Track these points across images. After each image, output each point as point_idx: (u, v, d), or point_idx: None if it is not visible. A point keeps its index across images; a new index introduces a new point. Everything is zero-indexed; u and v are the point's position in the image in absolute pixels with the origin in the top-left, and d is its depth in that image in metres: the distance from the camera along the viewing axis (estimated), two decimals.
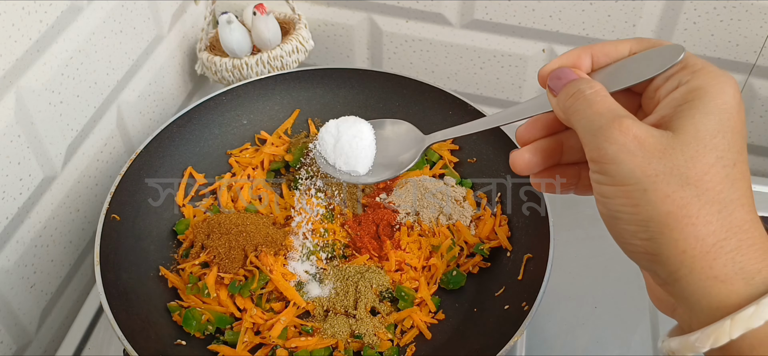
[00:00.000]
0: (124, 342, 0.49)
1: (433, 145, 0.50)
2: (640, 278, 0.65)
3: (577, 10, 0.77)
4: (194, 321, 0.57)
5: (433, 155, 0.72)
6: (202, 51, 0.82)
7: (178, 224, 0.65)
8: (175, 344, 0.56)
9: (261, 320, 0.58)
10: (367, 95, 0.74)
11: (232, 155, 0.72)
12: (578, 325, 0.62)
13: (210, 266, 0.60)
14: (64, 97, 0.63)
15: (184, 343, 0.56)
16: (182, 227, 0.65)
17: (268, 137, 0.73)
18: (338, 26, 0.88)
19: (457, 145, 0.72)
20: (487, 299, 0.60)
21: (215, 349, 0.56)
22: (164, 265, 0.62)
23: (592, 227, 0.70)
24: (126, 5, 0.70)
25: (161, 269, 0.61)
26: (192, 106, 0.69)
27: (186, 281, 0.60)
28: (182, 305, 0.59)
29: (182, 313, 0.57)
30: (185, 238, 0.64)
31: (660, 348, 0.32)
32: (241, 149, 0.73)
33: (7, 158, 0.57)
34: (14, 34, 0.55)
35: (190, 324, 0.57)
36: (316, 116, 0.75)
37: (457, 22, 0.82)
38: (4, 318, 0.60)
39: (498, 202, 0.67)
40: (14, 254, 0.60)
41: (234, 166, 0.71)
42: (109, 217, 0.59)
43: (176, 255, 0.64)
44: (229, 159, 0.72)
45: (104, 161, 0.72)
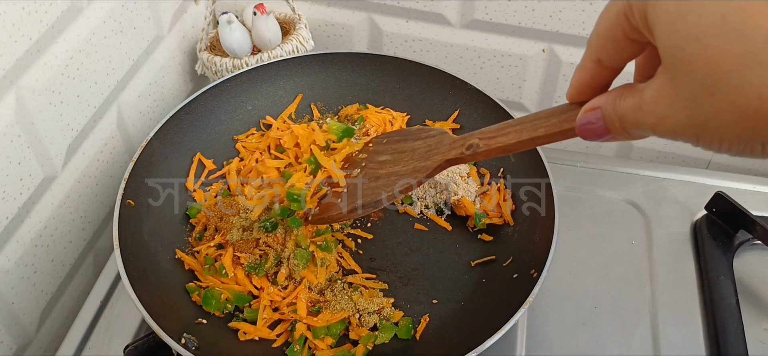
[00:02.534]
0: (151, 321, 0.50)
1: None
2: (640, 278, 0.65)
3: (577, 10, 0.77)
4: (213, 301, 0.58)
5: None
6: (203, 51, 0.82)
7: (190, 208, 0.66)
8: (197, 323, 0.57)
9: (278, 297, 0.59)
10: (368, 78, 0.76)
11: (238, 140, 0.73)
12: (578, 325, 0.62)
13: (225, 247, 0.61)
14: (64, 97, 0.63)
15: (205, 322, 0.57)
16: (194, 211, 0.66)
17: (274, 122, 0.74)
18: (338, 26, 0.88)
19: (458, 124, 0.73)
20: (496, 270, 0.61)
21: (236, 326, 0.57)
22: (180, 248, 0.63)
23: (592, 227, 0.70)
24: (126, 5, 0.70)
25: (177, 252, 0.62)
26: (197, 94, 0.70)
27: (203, 263, 0.61)
28: (200, 286, 0.60)
29: (201, 293, 0.59)
30: (198, 221, 0.65)
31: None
32: (247, 134, 0.73)
33: (7, 158, 0.57)
34: (14, 34, 0.55)
35: (209, 304, 0.58)
36: (318, 101, 0.76)
37: (457, 22, 0.82)
38: (4, 318, 0.60)
39: (501, 177, 0.68)
40: (14, 254, 0.60)
41: (241, 151, 0.72)
42: (124, 203, 0.59)
43: (190, 238, 0.64)
44: (236, 144, 0.72)
45: (104, 161, 0.72)
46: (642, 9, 0.28)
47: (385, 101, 0.75)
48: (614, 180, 0.75)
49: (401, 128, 0.73)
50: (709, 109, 0.26)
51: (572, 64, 0.81)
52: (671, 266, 0.66)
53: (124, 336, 0.62)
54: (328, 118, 0.75)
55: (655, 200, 0.72)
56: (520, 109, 0.88)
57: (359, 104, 0.76)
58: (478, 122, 0.71)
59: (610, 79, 0.34)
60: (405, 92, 0.75)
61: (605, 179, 0.75)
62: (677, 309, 0.63)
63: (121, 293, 0.66)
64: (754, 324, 0.61)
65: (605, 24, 0.31)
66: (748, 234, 0.66)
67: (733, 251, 0.66)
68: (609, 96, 0.33)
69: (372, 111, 0.74)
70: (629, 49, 0.31)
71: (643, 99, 0.30)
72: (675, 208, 0.71)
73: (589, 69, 0.34)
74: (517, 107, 0.87)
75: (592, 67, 0.33)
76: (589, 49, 0.33)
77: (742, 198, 0.67)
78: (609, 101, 0.33)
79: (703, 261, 0.65)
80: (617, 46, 0.31)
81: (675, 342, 0.60)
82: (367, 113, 0.73)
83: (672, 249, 0.68)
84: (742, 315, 0.60)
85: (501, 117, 0.68)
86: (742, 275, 0.65)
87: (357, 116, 0.73)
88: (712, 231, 0.68)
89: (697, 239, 0.68)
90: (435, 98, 0.73)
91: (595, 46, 0.33)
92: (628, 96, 0.31)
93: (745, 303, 0.62)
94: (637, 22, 0.29)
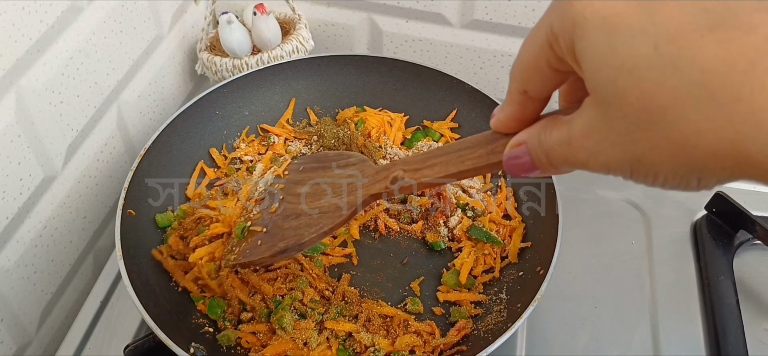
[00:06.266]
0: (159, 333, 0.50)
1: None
2: (640, 278, 0.65)
3: None
4: (219, 309, 0.58)
5: (434, 134, 0.73)
6: (203, 51, 0.82)
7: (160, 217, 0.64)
8: (202, 332, 0.57)
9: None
10: (364, 81, 0.76)
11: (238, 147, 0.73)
12: (578, 325, 0.62)
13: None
14: (64, 97, 0.63)
15: (211, 330, 0.57)
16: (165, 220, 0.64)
17: (272, 130, 0.73)
18: (338, 26, 0.88)
19: (457, 123, 0.73)
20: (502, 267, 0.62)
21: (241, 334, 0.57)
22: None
23: (592, 227, 0.70)
24: (126, 5, 0.70)
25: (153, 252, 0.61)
26: (195, 99, 0.69)
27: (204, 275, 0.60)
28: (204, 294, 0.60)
29: (206, 302, 0.59)
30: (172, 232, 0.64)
31: None
32: (245, 141, 0.73)
33: (7, 158, 0.57)
34: (14, 34, 0.55)
35: (214, 312, 0.58)
36: (315, 104, 0.76)
37: (457, 22, 0.82)
38: (4, 318, 0.60)
39: (501, 175, 0.68)
40: (14, 254, 0.60)
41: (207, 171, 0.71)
42: (125, 212, 0.59)
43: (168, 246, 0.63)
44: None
45: (104, 161, 0.72)
46: (569, 39, 0.26)
47: (383, 103, 0.75)
48: (614, 180, 0.74)
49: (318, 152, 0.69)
50: (644, 144, 0.24)
51: None
52: (671, 266, 0.66)
53: (124, 336, 0.62)
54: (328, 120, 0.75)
55: (655, 200, 0.72)
56: None
57: (357, 106, 0.76)
58: (477, 121, 0.71)
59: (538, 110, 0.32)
60: (403, 92, 0.75)
61: (605, 179, 0.74)
62: (677, 309, 0.63)
63: (121, 293, 0.66)
64: (754, 324, 0.61)
65: (529, 54, 0.30)
66: (748, 234, 0.66)
67: (733, 251, 0.66)
68: (534, 130, 0.31)
69: (370, 113, 0.74)
70: (555, 78, 0.30)
71: (572, 134, 0.28)
72: (675, 208, 0.71)
73: (516, 101, 0.32)
74: None
75: (518, 98, 0.31)
76: (514, 81, 0.31)
77: (742, 198, 0.67)
78: (534, 135, 0.31)
79: (703, 261, 0.65)
80: (543, 77, 0.30)
81: (675, 342, 0.60)
82: (365, 115, 0.73)
83: (672, 249, 0.68)
84: (742, 315, 0.60)
85: None
86: (742, 275, 0.65)
87: (356, 118, 0.73)
88: (712, 231, 0.68)
89: (697, 239, 0.68)
90: (433, 98, 0.73)
91: (519, 77, 0.31)
92: (554, 130, 0.29)
93: (745, 303, 0.62)
94: (564, 52, 0.27)
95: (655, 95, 0.23)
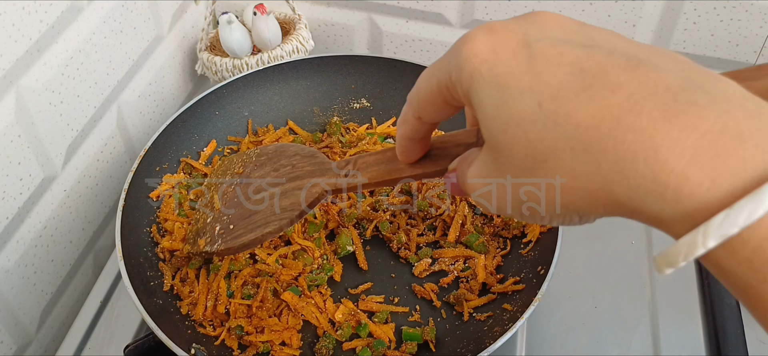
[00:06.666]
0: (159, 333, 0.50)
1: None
2: (640, 278, 0.65)
3: (577, 10, 0.77)
4: None
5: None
6: (203, 51, 0.82)
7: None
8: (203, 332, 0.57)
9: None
10: (364, 81, 0.75)
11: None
12: (578, 325, 0.62)
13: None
14: (64, 97, 0.63)
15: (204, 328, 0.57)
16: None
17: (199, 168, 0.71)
18: (338, 26, 0.88)
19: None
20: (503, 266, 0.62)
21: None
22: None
23: (592, 227, 0.70)
24: (126, 5, 0.70)
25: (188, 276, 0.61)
26: (195, 99, 0.69)
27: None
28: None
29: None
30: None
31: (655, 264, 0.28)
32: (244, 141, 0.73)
33: (7, 158, 0.57)
34: (14, 34, 0.55)
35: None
36: (315, 105, 0.76)
37: (457, 22, 0.82)
38: (4, 318, 0.60)
39: None
40: (14, 254, 0.60)
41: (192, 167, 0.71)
42: (125, 212, 0.59)
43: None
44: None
45: (104, 161, 0.72)
46: (466, 89, 0.29)
47: (382, 103, 0.75)
48: None
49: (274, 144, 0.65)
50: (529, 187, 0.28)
51: None
52: None
53: (124, 336, 0.62)
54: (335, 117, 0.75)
55: None
56: None
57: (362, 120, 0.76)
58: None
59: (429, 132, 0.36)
60: (403, 92, 0.71)
61: None
62: (677, 309, 0.63)
63: (121, 293, 0.66)
64: (754, 324, 0.61)
65: (426, 90, 0.32)
66: None
67: None
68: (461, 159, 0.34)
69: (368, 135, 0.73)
70: (447, 111, 0.33)
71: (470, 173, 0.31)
72: None
73: (411, 123, 0.35)
74: None
75: (413, 122, 0.35)
76: (410, 106, 0.34)
77: None
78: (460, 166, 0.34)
79: None
80: (437, 109, 0.33)
81: (675, 342, 0.60)
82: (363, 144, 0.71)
83: None
84: (742, 315, 0.60)
85: None
86: None
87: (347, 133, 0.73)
88: None
89: None
90: None
91: (415, 105, 0.34)
92: (466, 166, 0.32)
93: None
94: (460, 96, 0.30)
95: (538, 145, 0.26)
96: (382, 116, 0.75)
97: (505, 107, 0.27)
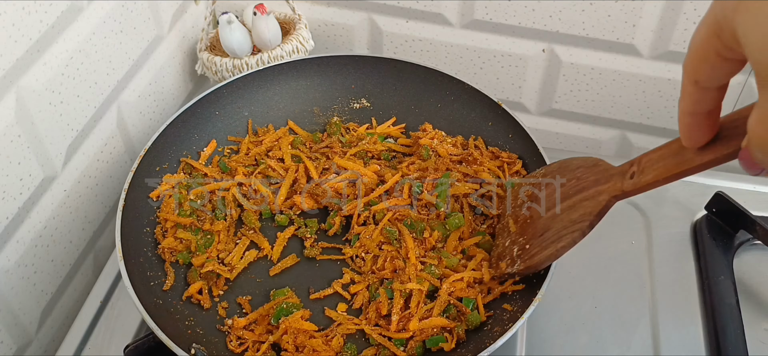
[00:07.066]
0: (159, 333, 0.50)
1: None
2: (640, 278, 0.65)
3: (577, 10, 0.77)
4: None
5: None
6: (203, 51, 0.82)
7: None
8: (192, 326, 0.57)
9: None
10: (364, 81, 0.75)
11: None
12: (578, 325, 0.62)
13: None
14: (64, 97, 0.63)
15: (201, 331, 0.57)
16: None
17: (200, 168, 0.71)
18: (338, 26, 0.88)
19: (457, 124, 0.72)
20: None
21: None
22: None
23: None
24: (126, 5, 0.70)
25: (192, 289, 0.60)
26: (195, 100, 0.69)
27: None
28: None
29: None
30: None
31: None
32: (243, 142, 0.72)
33: (7, 158, 0.57)
34: (14, 34, 0.55)
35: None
36: (315, 105, 0.76)
37: (457, 22, 0.82)
38: (4, 318, 0.60)
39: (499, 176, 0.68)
40: (14, 254, 0.60)
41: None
42: (125, 212, 0.59)
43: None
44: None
45: (104, 161, 0.72)
46: (731, 26, 0.26)
47: (382, 103, 0.75)
48: None
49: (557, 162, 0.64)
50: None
51: (572, 64, 0.82)
52: (671, 266, 0.66)
53: (124, 336, 0.62)
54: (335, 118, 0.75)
55: (655, 200, 0.72)
56: (520, 109, 0.88)
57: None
58: (477, 121, 0.71)
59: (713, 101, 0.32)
60: (403, 92, 0.74)
61: None
62: (677, 309, 0.63)
63: (121, 293, 0.66)
64: (754, 324, 0.61)
65: (697, 45, 0.30)
66: (748, 234, 0.66)
67: (733, 251, 0.66)
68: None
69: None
70: (725, 67, 0.29)
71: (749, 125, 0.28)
72: (675, 208, 0.71)
73: (689, 92, 0.31)
74: (517, 106, 0.87)
75: (691, 89, 0.31)
76: (685, 73, 0.31)
77: (742, 198, 0.67)
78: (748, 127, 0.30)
79: (703, 261, 0.65)
80: (712, 66, 0.29)
81: (675, 342, 0.60)
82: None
83: (672, 249, 0.68)
84: (742, 315, 0.60)
85: (498, 116, 0.68)
86: (742, 275, 0.65)
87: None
88: (712, 231, 0.68)
89: (697, 239, 0.68)
90: (433, 98, 0.73)
91: (689, 68, 0.31)
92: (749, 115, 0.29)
93: (745, 303, 0.62)
94: (729, 40, 0.27)
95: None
96: (382, 116, 0.75)
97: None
